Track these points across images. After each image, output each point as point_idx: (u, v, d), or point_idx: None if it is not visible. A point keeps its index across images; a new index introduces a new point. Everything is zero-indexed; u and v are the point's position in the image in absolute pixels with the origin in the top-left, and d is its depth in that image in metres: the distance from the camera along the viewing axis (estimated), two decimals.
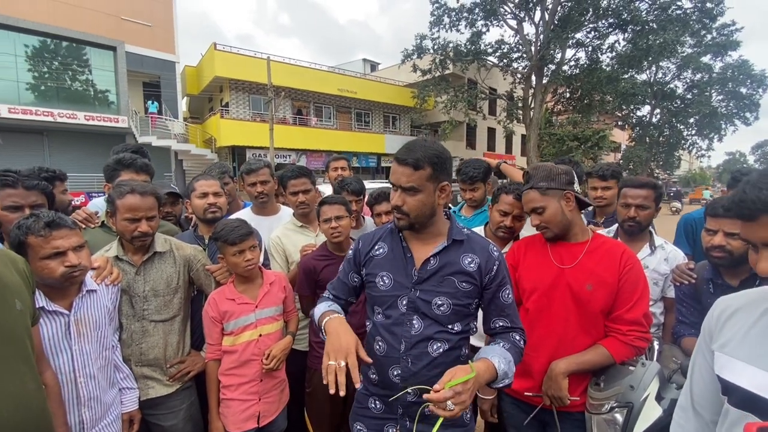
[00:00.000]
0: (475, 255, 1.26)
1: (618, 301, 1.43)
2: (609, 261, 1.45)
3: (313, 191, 2.39)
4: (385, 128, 25.02)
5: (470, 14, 20.95)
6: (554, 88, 22.89)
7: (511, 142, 29.68)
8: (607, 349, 1.43)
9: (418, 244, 1.29)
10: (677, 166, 38.52)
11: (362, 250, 1.38)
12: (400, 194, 1.21)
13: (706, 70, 26.61)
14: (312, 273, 1.96)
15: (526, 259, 1.59)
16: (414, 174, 1.18)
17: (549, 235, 1.53)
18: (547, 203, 1.49)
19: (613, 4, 18.76)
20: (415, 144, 1.22)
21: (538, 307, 1.51)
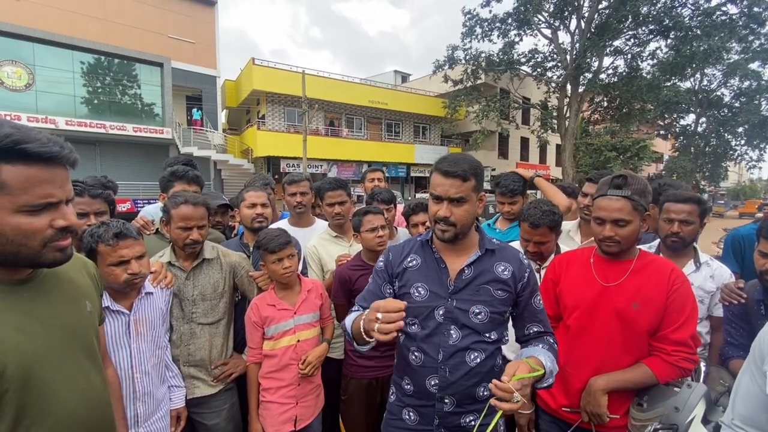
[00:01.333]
0: (507, 263, 1.29)
1: (665, 321, 1.39)
2: (657, 279, 1.41)
3: (348, 203, 2.48)
4: (414, 138, 25.14)
5: (503, 24, 20.80)
6: (591, 97, 22.21)
7: (545, 152, 28.99)
8: (650, 368, 1.39)
9: (451, 255, 1.32)
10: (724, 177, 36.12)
11: (394, 261, 1.40)
12: (447, 206, 1.24)
13: (754, 78, 24.93)
14: (347, 282, 2.02)
15: (569, 275, 1.57)
16: (463, 185, 1.22)
17: (614, 250, 1.46)
18: (633, 218, 1.43)
19: (654, 11, 18.09)
20: (457, 157, 1.26)
21: (579, 324, 1.49)
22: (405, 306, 1.09)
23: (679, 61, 18.40)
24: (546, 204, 1.87)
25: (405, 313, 1.14)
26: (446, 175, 1.23)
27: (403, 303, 1.09)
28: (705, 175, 30.98)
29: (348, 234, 2.49)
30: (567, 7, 19.53)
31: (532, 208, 1.87)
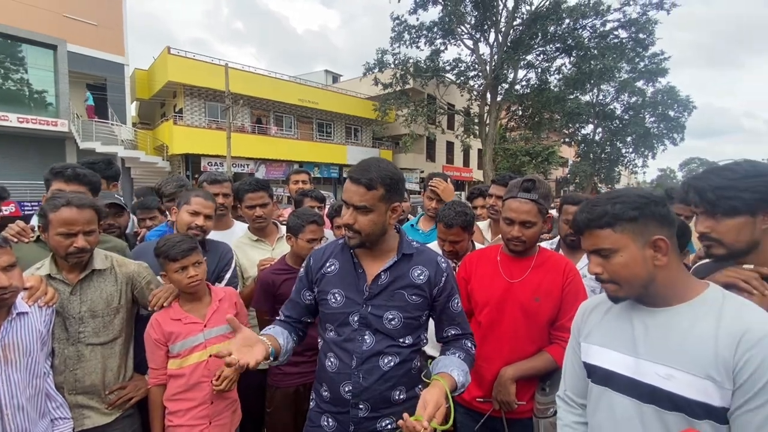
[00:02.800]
0: (424, 267, 1.30)
1: (561, 311, 1.53)
2: (554, 274, 1.55)
3: (270, 205, 2.37)
4: (347, 139, 25.09)
5: (429, 32, 21.70)
6: (507, 106, 24.09)
7: (469, 155, 30.79)
8: (551, 355, 1.52)
9: (370, 259, 1.31)
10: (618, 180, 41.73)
11: (314, 267, 1.37)
12: (352, 212, 1.22)
13: (640, 94, 29.23)
14: (271, 287, 1.92)
15: (478, 273, 1.66)
16: (367, 194, 1.19)
17: (519, 249, 1.58)
18: (538, 220, 1.55)
19: (559, 31, 20.20)
20: (369, 164, 1.23)
21: (489, 320, 1.58)
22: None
23: (580, 77, 20.76)
24: (460, 205, 1.95)
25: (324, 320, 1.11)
26: (352, 182, 1.21)
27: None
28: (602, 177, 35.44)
29: (270, 237, 2.38)
30: (486, 21, 20.98)
31: (447, 209, 1.94)
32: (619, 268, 0.95)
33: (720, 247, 1.10)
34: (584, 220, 0.98)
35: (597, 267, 0.99)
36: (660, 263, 0.94)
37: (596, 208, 0.97)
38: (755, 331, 0.84)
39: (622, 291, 0.98)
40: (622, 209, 0.94)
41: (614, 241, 0.95)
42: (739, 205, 1.04)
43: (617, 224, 0.94)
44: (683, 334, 0.92)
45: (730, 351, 0.85)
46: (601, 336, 1.07)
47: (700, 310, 0.93)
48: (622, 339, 1.01)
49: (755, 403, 0.81)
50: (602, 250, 0.97)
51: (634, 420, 0.96)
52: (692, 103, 30.33)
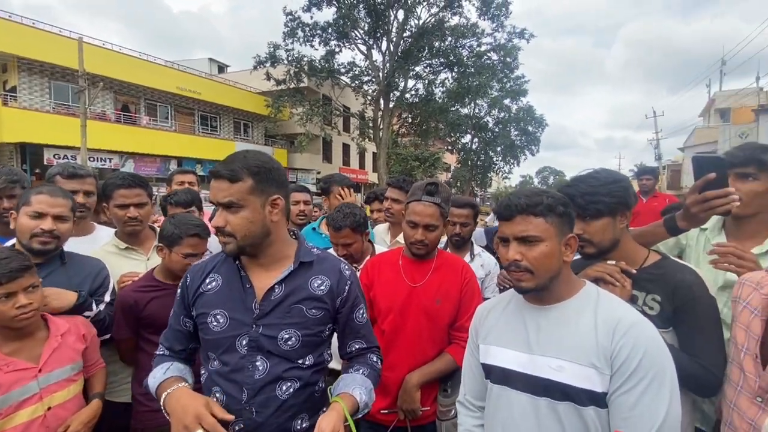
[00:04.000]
0: (325, 276, 1.18)
1: (460, 312, 1.60)
2: (452, 276, 1.61)
3: (149, 205, 1.97)
4: (235, 135, 23.28)
5: (324, 32, 21.53)
6: (399, 113, 25.36)
7: (364, 158, 31.48)
8: (452, 355, 1.57)
9: (260, 271, 1.14)
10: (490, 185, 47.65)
11: (191, 285, 1.17)
12: (221, 213, 1.05)
13: (506, 111, 33.85)
14: (132, 309, 1.59)
15: (381, 278, 1.64)
16: (232, 187, 1.03)
17: (422, 252, 1.60)
18: (440, 223, 1.58)
19: (443, 47, 22.03)
20: (234, 155, 1.09)
21: (393, 327, 1.56)
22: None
23: (460, 91, 22.95)
24: (348, 206, 1.92)
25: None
26: (214, 177, 1.05)
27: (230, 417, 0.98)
28: (478, 182, 40.02)
29: (145, 244, 1.97)
30: (379, 30, 21.72)
31: (335, 212, 1.90)
32: (541, 257, 0.99)
33: (590, 246, 1.24)
34: (522, 204, 0.99)
35: (517, 254, 1.00)
36: (567, 260, 1.02)
37: (533, 197, 1.00)
38: (626, 320, 0.96)
39: (533, 281, 1.01)
40: (554, 203, 0.99)
41: (543, 230, 0.99)
42: (603, 208, 1.20)
43: (549, 215, 0.99)
44: (570, 328, 1.01)
45: (607, 339, 0.95)
46: (497, 336, 1.13)
47: (581, 304, 1.03)
48: (517, 337, 1.08)
49: (629, 385, 0.92)
50: (530, 237, 0.99)
51: (530, 416, 1.02)
52: (545, 121, 36.43)
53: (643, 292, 1.23)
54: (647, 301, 1.23)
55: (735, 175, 1.33)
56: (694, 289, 1.16)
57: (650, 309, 1.22)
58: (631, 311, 1.00)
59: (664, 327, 1.19)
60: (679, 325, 1.18)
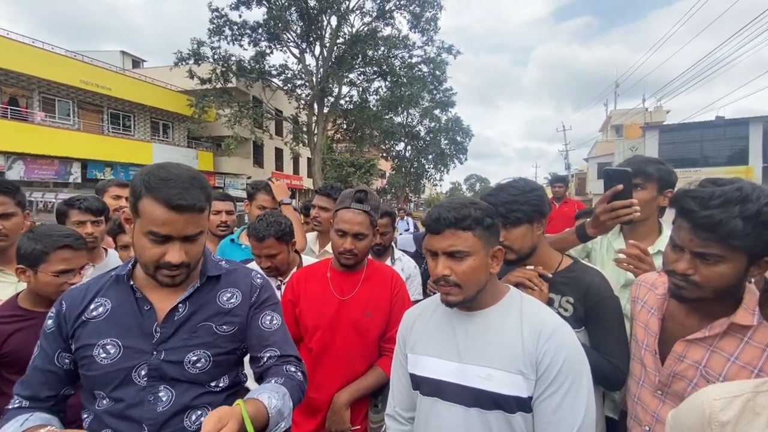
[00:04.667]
0: (235, 288, 1.08)
1: (390, 322, 1.56)
2: (382, 286, 1.57)
3: (18, 216, 1.66)
4: (153, 136, 21.29)
5: (253, 32, 20.70)
6: (334, 119, 25.21)
7: (299, 163, 30.70)
8: (382, 369, 1.53)
9: (160, 291, 1.02)
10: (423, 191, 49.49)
11: (69, 314, 0.99)
12: (180, 247, 0.96)
13: (436, 121, 35.53)
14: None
15: (308, 293, 1.54)
16: (202, 218, 0.99)
17: (352, 263, 1.53)
18: (370, 232, 1.52)
19: (376, 56, 22.41)
20: (178, 173, 0.95)
21: (321, 345, 1.48)
22: None
23: (393, 100, 23.48)
24: (272, 215, 1.82)
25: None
26: (180, 210, 0.93)
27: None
28: (412, 188, 41.30)
29: (12, 264, 1.65)
30: (312, 34, 21.45)
31: (258, 221, 1.79)
32: (469, 271, 0.98)
33: (511, 252, 1.29)
34: (450, 219, 0.97)
35: (446, 269, 0.99)
36: (494, 271, 1.03)
37: (461, 210, 0.98)
38: (549, 325, 0.99)
39: (461, 295, 1.00)
40: (482, 215, 0.98)
41: (471, 244, 0.97)
42: (522, 216, 1.26)
43: (477, 228, 0.98)
44: (497, 335, 1.02)
45: (533, 344, 0.97)
46: (426, 345, 1.11)
47: (506, 310, 1.05)
48: (447, 346, 1.06)
49: (551, 389, 0.95)
50: (458, 252, 0.98)
51: (461, 427, 1.01)
52: (471, 132, 38.90)
53: (559, 294, 1.30)
54: (562, 303, 1.30)
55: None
56: (602, 290, 1.25)
57: (565, 311, 1.29)
58: (552, 315, 1.04)
59: (578, 327, 1.27)
60: (589, 325, 1.27)
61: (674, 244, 0.97)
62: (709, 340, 0.97)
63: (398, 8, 21.62)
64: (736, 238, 0.83)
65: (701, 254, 0.91)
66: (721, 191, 0.86)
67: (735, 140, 16.05)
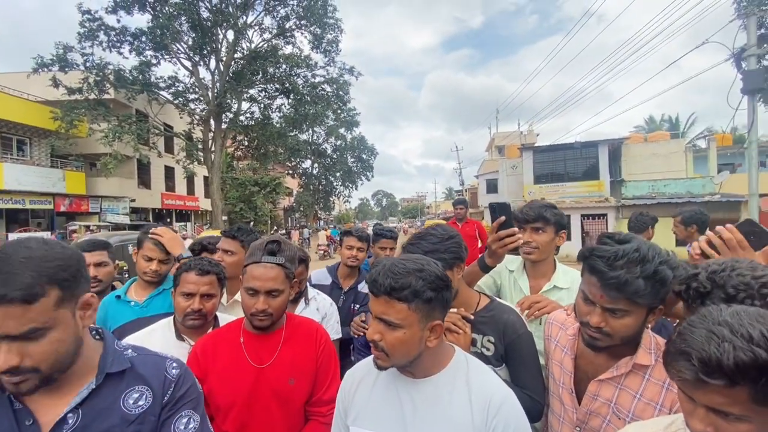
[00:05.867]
0: (144, 386, 0.90)
1: (317, 385, 1.43)
2: (306, 346, 1.44)
3: None
4: (4, 153, 17.41)
5: (136, 40, 18.60)
6: (234, 135, 23.79)
7: (193, 183, 28.08)
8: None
9: (46, 397, 0.80)
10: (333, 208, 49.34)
11: None
12: (12, 347, 0.73)
13: (342, 139, 36.09)
14: None
15: (217, 365, 1.33)
16: (29, 311, 0.73)
17: (266, 324, 1.36)
18: (285, 287, 1.38)
19: (278, 73, 21.90)
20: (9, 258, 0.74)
21: (239, 425, 1.28)
22: None
23: (297, 117, 23.14)
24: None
25: None
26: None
27: None
28: (321, 206, 40.88)
29: None
30: (206, 47, 20.10)
31: (198, 258, 1.61)
32: (398, 343, 0.94)
33: None
34: (387, 286, 0.92)
35: (376, 334, 0.95)
36: (431, 345, 0.97)
37: (401, 278, 0.92)
38: (497, 397, 0.98)
39: (388, 362, 0.97)
40: (423, 287, 0.93)
41: (405, 317, 0.93)
42: (444, 264, 1.27)
43: (414, 302, 0.92)
44: (445, 406, 0.98)
45: (482, 418, 0.95)
46: (370, 417, 1.04)
47: (453, 379, 1.01)
48: (393, 419, 1.01)
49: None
50: (389, 322, 0.93)
51: None
52: (376, 150, 40.33)
53: (480, 334, 1.34)
54: (484, 342, 1.34)
55: (531, 229, 1.67)
56: (517, 328, 1.33)
57: (487, 350, 1.34)
58: (498, 386, 1.03)
59: (499, 365, 1.32)
60: (509, 362, 1.33)
61: (586, 297, 1.06)
62: (617, 379, 1.08)
63: (298, 27, 21.57)
64: (640, 296, 0.95)
65: (611, 309, 1.00)
66: (622, 251, 0.97)
67: (588, 159, 19.34)
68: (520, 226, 1.65)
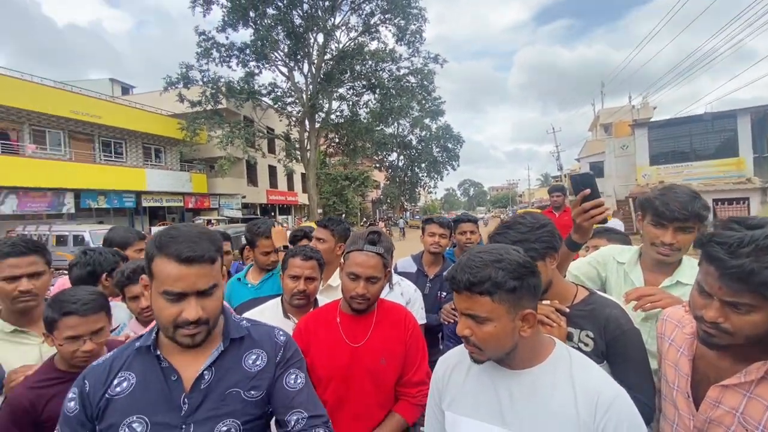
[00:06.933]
0: (260, 349, 1.06)
1: (406, 366, 1.50)
2: (396, 329, 1.52)
3: (48, 275, 1.59)
4: (145, 161, 21.23)
5: (241, 53, 20.87)
6: (326, 133, 25.33)
7: (293, 179, 30.67)
8: (401, 415, 1.47)
9: (185, 358, 0.98)
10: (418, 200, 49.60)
11: (92, 393, 0.95)
12: (196, 302, 0.93)
13: (427, 129, 35.83)
14: (28, 413, 1.23)
15: (318, 340, 1.48)
16: (213, 269, 0.96)
17: (363, 307, 1.46)
18: (383, 275, 1.46)
19: (364, 70, 22.62)
20: (190, 233, 0.95)
21: (337, 396, 1.42)
22: None
23: (383, 111, 23.65)
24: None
25: None
26: (189, 263, 0.91)
27: None
28: (407, 198, 41.41)
29: (38, 324, 1.56)
30: (299, 52, 21.66)
31: (302, 246, 1.78)
32: (489, 337, 0.91)
33: None
34: (465, 282, 0.90)
35: (466, 329, 0.93)
36: (525, 335, 0.93)
37: (479, 271, 0.89)
38: (607, 394, 0.90)
39: (484, 356, 0.95)
40: (504, 278, 0.89)
41: (490, 310, 0.89)
42: (534, 254, 1.22)
43: (497, 293, 0.89)
44: (546, 399, 0.93)
45: (590, 415, 0.89)
46: (465, 405, 1.02)
47: (555, 370, 0.95)
48: (488, 407, 0.98)
49: None
50: (476, 317, 0.91)
51: None
52: (462, 138, 39.16)
53: (577, 329, 1.26)
54: (582, 337, 1.26)
55: (677, 229, 1.37)
56: (622, 323, 1.22)
57: (585, 345, 1.25)
58: (608, 382, 0.95)
59: (599, 361, 1.23)
60: (611, 359, 1.22)
61: (701, 289, 0.93)
62: (745, 386, 0.93)
63: (383, 22, 21.94)
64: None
65: (732, 303, 0.86)
66: (750, 237, 0.82)
67: (723, 132, 16.21)
68: (660, 223, 1.39)
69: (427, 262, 2.66)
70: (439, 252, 2.63)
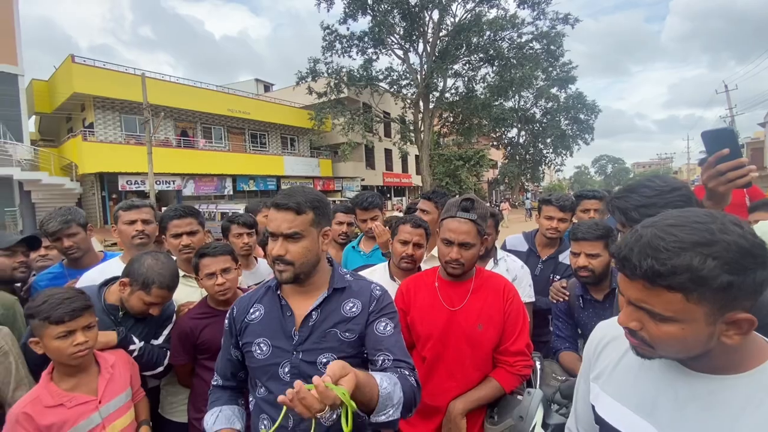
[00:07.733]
0: (357, 299, 1.20)
1: (504, 335, 1.49)
2: (494, 297, 1.51)
3: (201, 233, 2.09)
4: (283, 150, 24.38)
5: (360, 42, 21.93)
6: (439, 113, 25.08)
7: (407, 162, 31.46)
8: (497, 381, 1.47)
9: (300, 299, 1.19)
10: (542, 179, 45.39)
11: (237, 317, 1.23)
12: (282, 243, 1.10)
13: (554, 100, 32.19)
14: (189, 336, 1.68)
15: (417, 302, 1.57)
16: (297, 219, 1.10)
17: (458, 272, 1.50)
18: (477, 242, 1.48)
19: (481, 42, 21.51)
20: (294, 189, 1.15)
21: (434, 354, 1.49)
22: None
23: (502, 84, 22.24)
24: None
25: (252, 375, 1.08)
26: (278, 208, 1.11)
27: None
28: (528, 177, 38.30)
29: None
30: (414, 32, 21.70)
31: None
32: (668, 338, 0.67)
33: None
34: (646, 270, 0.63)
35: (634, 322, 0.70)
36: (730, 342, 0.65)
37: (672, 257, 0.61)
38: None
39: (654, 353, 0.72)
40: (714, 271, 0.60)
41: (680, 310, 0.63)
42: None
43: (696, 291, 0.61)
44: (733, 417, 0.67)
45: None
46: (615, 385, 0.85)
47: (758, 386, 0.67)
48: (640, 397, 0.79)
49: None
50: (655, 314, 0.66)
51: None
52: (597, 107, 34.06)
53: None
54: None
55: None
56: None
57: None
58: None
59: None
60: None
61: None
62: None
63: None
64: None
65: None
66: None
67: None
68: None
69: (541, 243, 2.40)
70: (556, 237, 2.35)
